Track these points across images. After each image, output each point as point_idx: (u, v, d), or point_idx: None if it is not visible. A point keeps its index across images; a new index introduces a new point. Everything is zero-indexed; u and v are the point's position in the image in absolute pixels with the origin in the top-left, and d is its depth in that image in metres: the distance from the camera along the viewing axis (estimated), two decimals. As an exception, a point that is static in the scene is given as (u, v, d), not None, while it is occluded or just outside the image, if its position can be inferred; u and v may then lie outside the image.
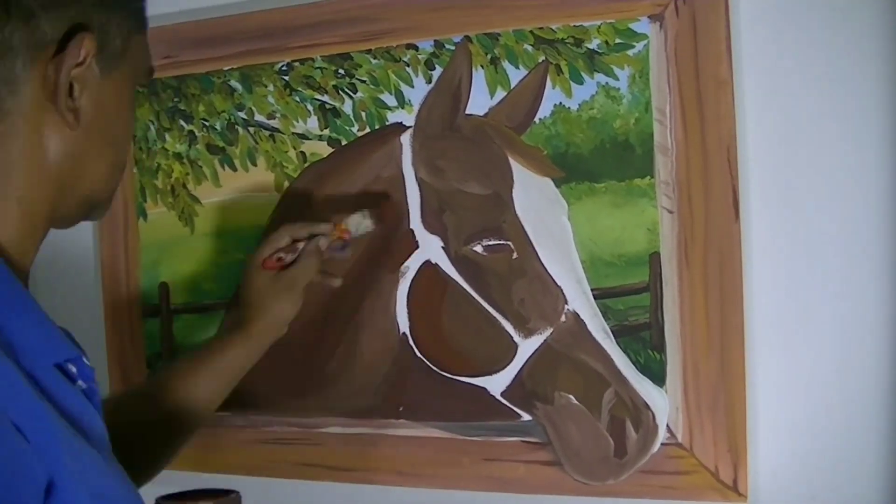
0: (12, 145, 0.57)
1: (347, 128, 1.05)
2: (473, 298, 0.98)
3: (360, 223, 0.93)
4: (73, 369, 0.58)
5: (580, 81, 0.95)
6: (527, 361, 0.96)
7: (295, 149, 1.08)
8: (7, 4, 0.55)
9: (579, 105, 0.96)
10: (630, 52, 0.93)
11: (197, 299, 1.14)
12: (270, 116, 1.09)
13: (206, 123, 1.12)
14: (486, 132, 0.98)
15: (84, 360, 0.61)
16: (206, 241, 1.13)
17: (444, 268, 0.99)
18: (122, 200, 1.17)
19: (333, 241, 0.91)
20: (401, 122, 1.03)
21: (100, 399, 0.62)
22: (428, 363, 1.01)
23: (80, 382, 0.59)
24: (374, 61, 1.04)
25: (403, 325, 1.02)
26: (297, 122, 1.08)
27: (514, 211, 0.97)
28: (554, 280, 0.96)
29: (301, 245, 0.91)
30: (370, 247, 1.03)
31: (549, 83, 0.96)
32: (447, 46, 1.00)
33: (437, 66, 1.01)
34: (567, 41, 0.95)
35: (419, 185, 1.01)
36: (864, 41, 0.87)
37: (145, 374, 1.16)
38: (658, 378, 0.93)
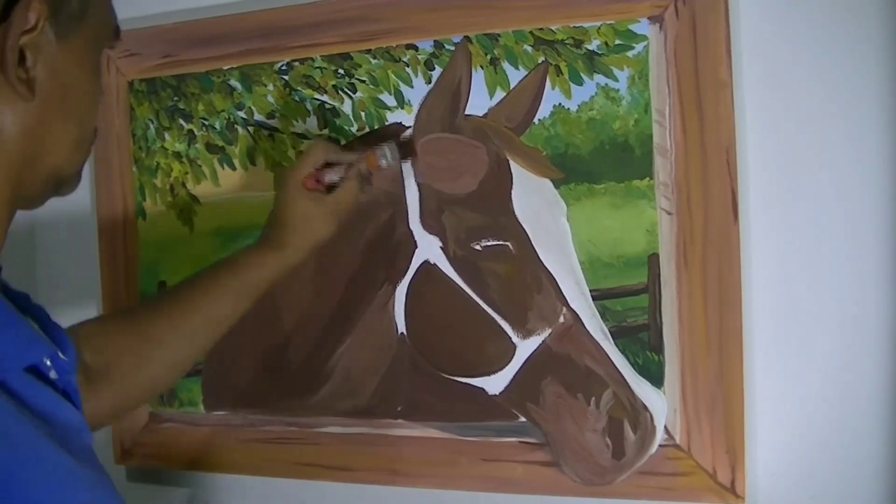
0: None
1: (347, 128, 1.05)
2: (472, 299, 0.98)
3: (389, 154, 0.93)
4: (48, 363, 0.56)
5: (580, 82, 0.95)
6: (525, 362, 0.96)
7: (294, 148, 1.08)
8: None
9: (579, 106, 0.96)
10: (630, 54, 0.93)
11: (196, 298, 1.14)
12: (270, 116, 1.09)
13: (206, 122, 1.12)
14: (485, 133, 0.98)
15: (59, 354, 0.58)
16: (205, 240, 1.13)
17: (442, 268, 0.99)
18: (122, 199, 1.17)
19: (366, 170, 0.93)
20: (400, 123, 1.03)
21: (77, 392, 0.61)
22: (426, 363, 1.01)
23: (51, 374, 0.56)
24: (373, 61, 1.04)
25: (401, 325, 1.02)
26: (297, 121, 1.08)
27: (513, 211, 0.97)
28: (553, 281, 0.96)
29: (334, 168, 0.92)
30: (369, 247, 1.03)
31: (548, 84, 0.96)
32: (447, 47, 1.00)
33: (436, 66, 1.01)
34: (567, 42, 0.95)
35: (418, 186, 1.01)
36: (865, 42, 0.87)
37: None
38: (656, 379, 0.93)
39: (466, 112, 0.99)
